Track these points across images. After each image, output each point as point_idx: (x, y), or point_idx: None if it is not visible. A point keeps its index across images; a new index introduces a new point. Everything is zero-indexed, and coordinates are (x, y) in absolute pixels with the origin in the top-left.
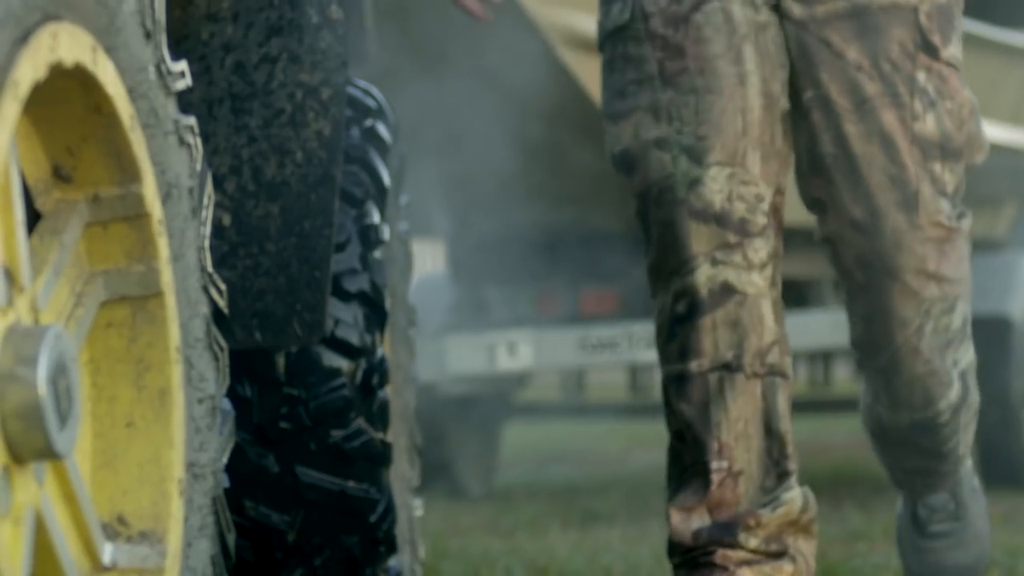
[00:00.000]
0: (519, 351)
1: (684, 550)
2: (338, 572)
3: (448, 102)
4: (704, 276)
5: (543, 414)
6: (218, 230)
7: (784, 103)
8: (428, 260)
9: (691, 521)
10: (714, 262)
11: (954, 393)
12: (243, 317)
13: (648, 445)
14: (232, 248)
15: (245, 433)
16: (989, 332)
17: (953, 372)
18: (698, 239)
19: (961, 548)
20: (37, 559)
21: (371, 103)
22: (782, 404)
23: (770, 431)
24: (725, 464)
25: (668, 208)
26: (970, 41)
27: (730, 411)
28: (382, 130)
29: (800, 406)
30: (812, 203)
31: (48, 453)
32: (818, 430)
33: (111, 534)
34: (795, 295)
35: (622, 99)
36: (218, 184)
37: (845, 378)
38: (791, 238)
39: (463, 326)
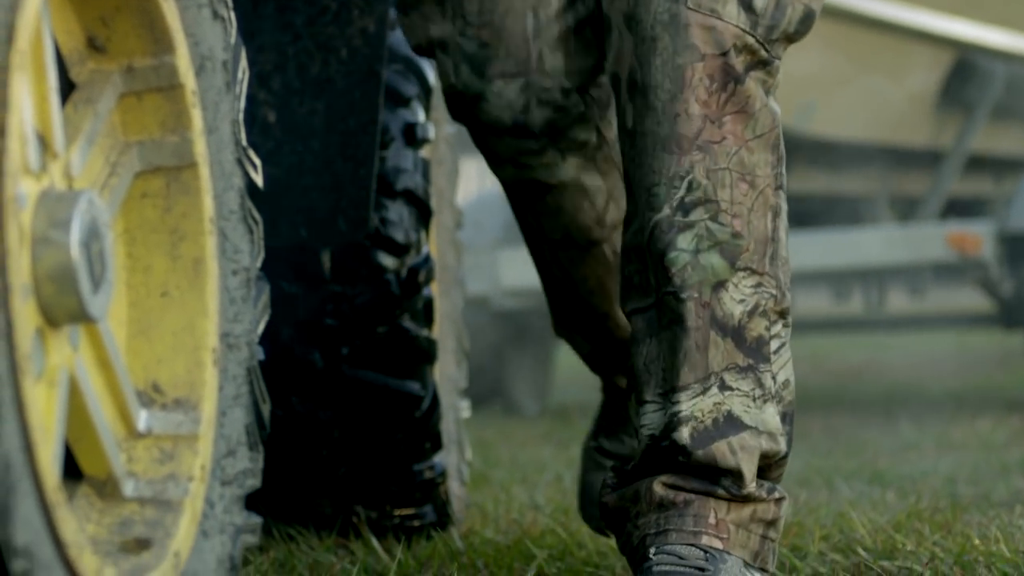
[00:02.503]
0: None
1: None
2: (383, 468)
3: None
4: (510, 176)
5: None
6: (263, 128)
7: None
8: (488, 178)
9: None
10: (518, 166)
11: None
12: (288, 214)
13: None
14: (277, 145)
15: (291, 330)
16: None
17: None
18: (497, 147)
19: None
20: (72, 424)
21: None
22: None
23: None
24: None
25: (460, 118)
26: None
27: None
28: None
29: (855, 325)
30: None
31: (81, 316)
32: (874, 350)
33: (146, 401)
34: (848, 212)
35: None
36: (263, 82)
37: (900, 298)
38: (843, 154)
39: (518, 243)
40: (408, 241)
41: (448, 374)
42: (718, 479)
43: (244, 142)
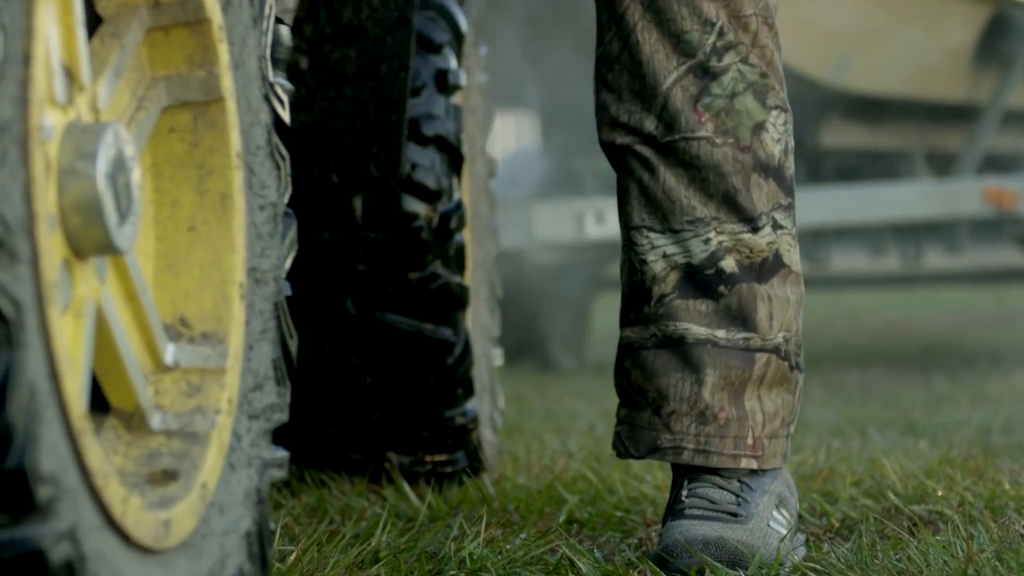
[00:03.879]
0: (607, 219)
1: None
2: (415, 414)
3: None
4: None
5: None
6: (295, 73)
7: None
8: (526, 134)
9: None
10: None
11: None
12: (320, 160)
13: None
14: (309, 91)
15: (323, 276)
16: None
17: None
18: None
19: None
20: (100, 356)
21: None
22: None
23: None
24: None
25: None
26: None
27: None
28: None
29: (892, 282)
30: None
31: (108, 248)
32: (911, 306)
33: (173, 335)
34: (885, 167)
35: None
36: (295, 27)
37: (937, 254)
38: (879, 109)
39: (554, 197)
40: (440, 187)
41: (481, 322)
42: (751, 328)
43: (271, 77)
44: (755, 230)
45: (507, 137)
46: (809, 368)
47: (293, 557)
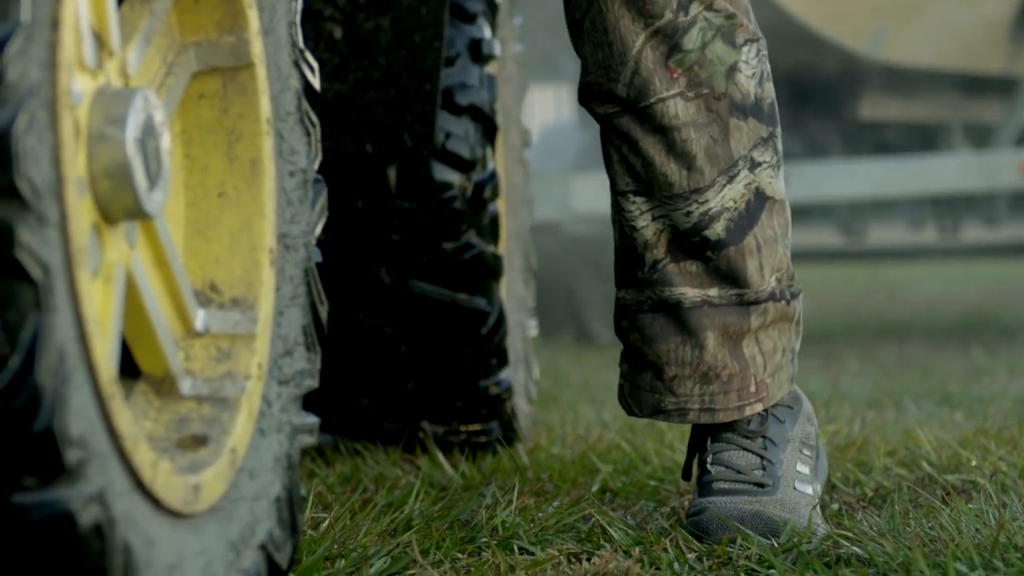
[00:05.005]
0: None
1: None
2: (450, 383)
3: None
4: None
5: None
6: (329, 43)
7: None
8: (564, 106)
9: None
10: None
11: None
12: (354, 129)
13: None
14: (343, 61)
15: (357, 245)
16: None
17: None
18: None
19: None
20: (130, 321)
21: None
22: None
23: None
24: None
25: None
26: None
27: None
28: None
29: (929, 254)
30: None
31: (137, 213)
32: (949, 280)
33: (203, 301)
34: (923, 139)
35: None
36: None
37: (974, 226)
38: (916, 81)
39: (590, 169)
40: (474, 156)
41: (516, 292)
42: (744, 285)
43: (301, 44)
44: (731, 179)
45: (545, 109)
46: (847, 340)
47: (325, 524)
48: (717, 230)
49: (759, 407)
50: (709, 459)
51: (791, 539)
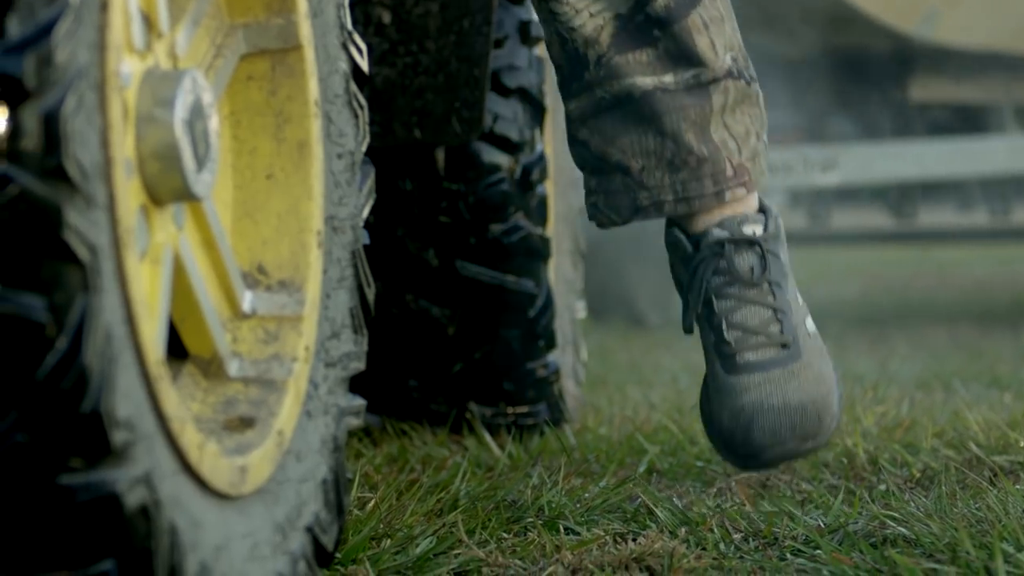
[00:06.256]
0: None
1: None
2: (497, 365)
3: None
4: None
5: None
6: (378, 28)
7: None
8: None
9: None
10: None
11: None
12: (403, 114)
13: (828, 277)
14: (392, 46)
15: (405, 227)
16: None
17: None
18: None
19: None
20: (178, 303)
21: None
22: None
23: None
24: None
25: None
26: None
27: None
28: None
29: (980, 236)
30: None
31: (185, 194)
32: (1000, 262)
33: (251, 283)
34: (972, 121)
35: None
36: None
37: None
38: (967, 63)
39: None
40: (522, 139)
41: (564, 275)
42: (698, 63)
43: (349, 26)
44: None
45: None
46: (896, 322)
47: (372, 504)
48: (657, 6)
49: (742, 191)
50: (723, 324)
51: (837, 519)
